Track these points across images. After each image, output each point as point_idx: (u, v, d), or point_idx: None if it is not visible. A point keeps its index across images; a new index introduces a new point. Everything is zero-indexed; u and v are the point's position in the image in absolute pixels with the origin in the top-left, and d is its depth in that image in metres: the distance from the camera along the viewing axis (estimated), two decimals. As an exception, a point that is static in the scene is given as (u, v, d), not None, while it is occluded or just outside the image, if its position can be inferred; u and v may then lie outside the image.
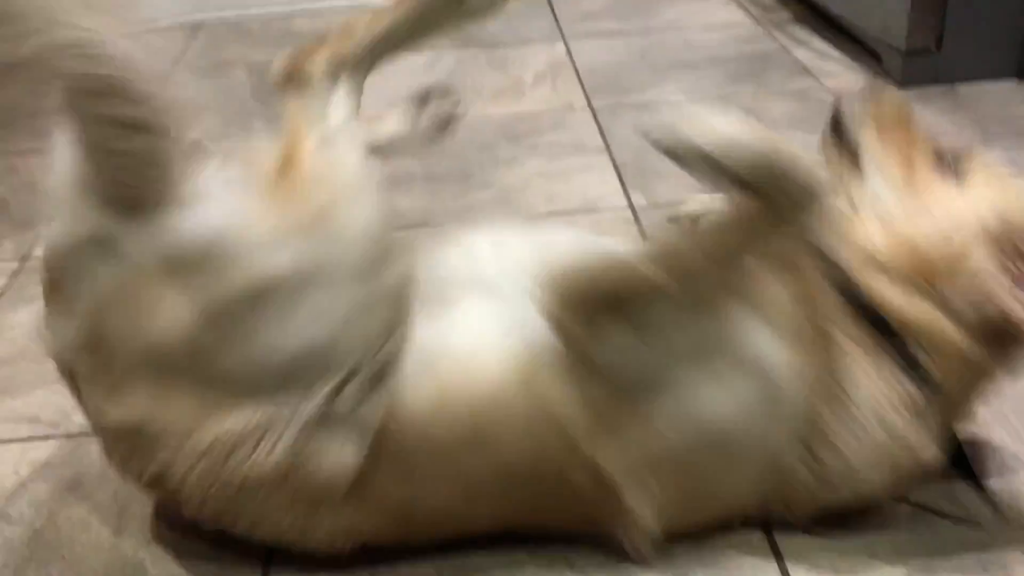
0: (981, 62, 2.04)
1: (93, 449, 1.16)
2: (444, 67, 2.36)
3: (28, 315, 1.43)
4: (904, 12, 2.00)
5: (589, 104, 2.07)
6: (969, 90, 2.01)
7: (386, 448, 0.88)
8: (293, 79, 0.96)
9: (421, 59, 2.42)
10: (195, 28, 2.79)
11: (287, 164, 0.89)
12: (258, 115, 2.14)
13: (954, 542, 0.98)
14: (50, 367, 0.93)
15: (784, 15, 2.54)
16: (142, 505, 1.07)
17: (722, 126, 0.80)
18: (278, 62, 0.97)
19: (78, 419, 1.21)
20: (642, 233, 1.56)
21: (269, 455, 0.85)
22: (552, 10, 2.72)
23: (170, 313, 0.83)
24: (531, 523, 0.97)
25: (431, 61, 2.40)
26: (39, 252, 1.50)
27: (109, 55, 0.78)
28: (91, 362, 0.87)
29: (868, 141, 1.01)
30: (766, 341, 0.90)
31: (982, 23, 2.00)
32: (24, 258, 1.61)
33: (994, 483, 1.04)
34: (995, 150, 1.75)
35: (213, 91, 2.32)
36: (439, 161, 1.86)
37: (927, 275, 0.91)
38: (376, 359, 0.87)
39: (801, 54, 2.28)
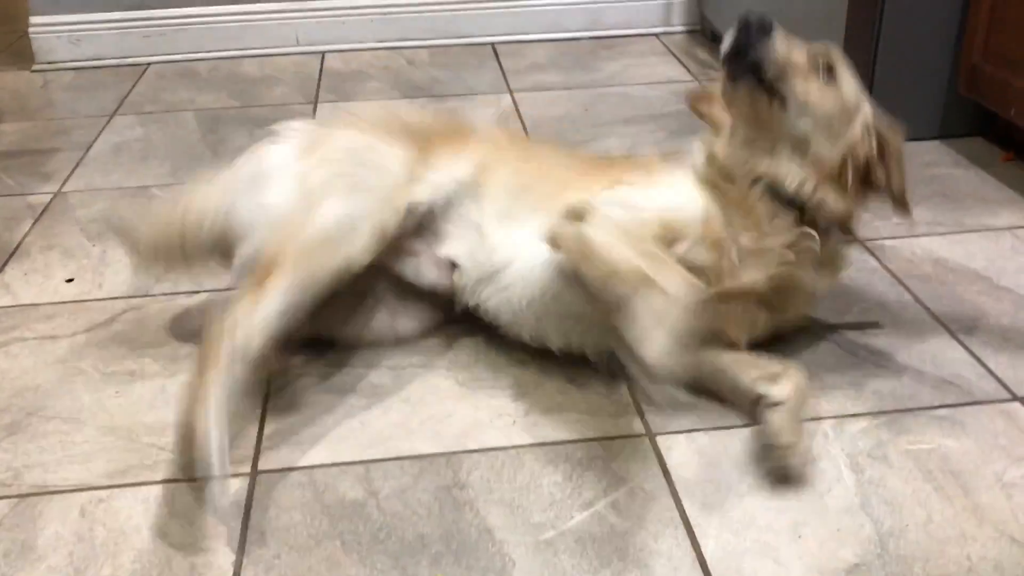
0: (907, 123, 2.14)
1: (47, 509, 1.16)
2: (393, 116, 2.40)
3: (-25, 368, 1.42)
4: (835, 76, 2.10)
5: (536, 158, 2.12)
6: (896, 150, 2.12)
7: None
8: None
9: (371, 110, 2.46)
10: (142, 69, 2.79)
11: None
12: (207, 161, 2.16)
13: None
14: None
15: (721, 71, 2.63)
16: (97, 568, 1.07)
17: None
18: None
19: (30, 478, 1.21)
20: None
21: None
22: (499, 61, 2.78)
23: None
24: None
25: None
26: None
27: None
28: None
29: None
30: None
31: (908, 86, 2.11)
32: (-31, 308, 1.60)
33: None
34: (919, 209, 1.85)
35: (161, 135, 2.32)
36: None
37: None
38: None
39: (738, 111, 2.37)
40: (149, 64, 2.84)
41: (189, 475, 1.16)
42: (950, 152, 2.09)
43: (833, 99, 1.28)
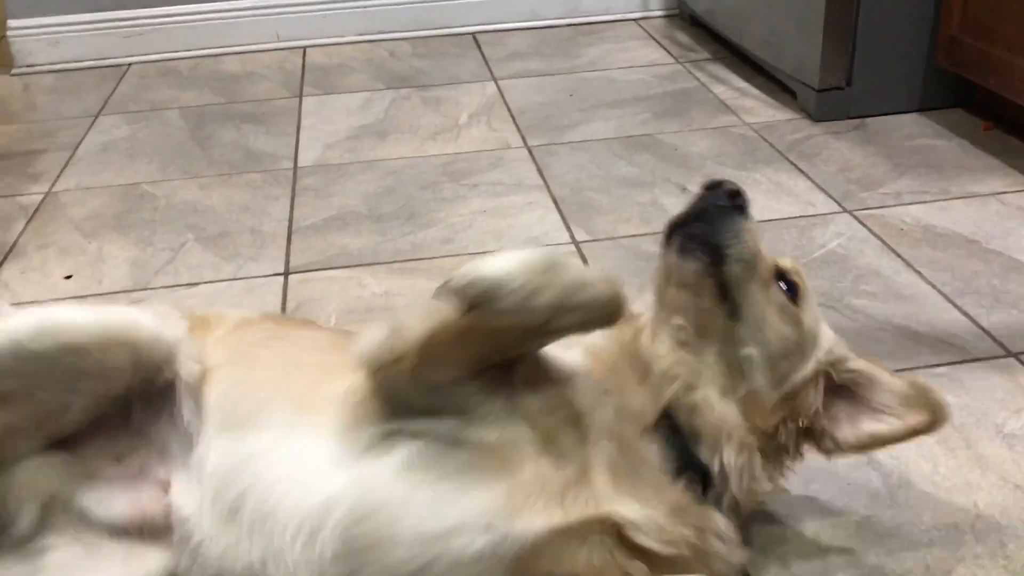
0: (888, 97, 2.19)
1: None
2: (379, 106, 2.41)
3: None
4: (816, 52, 2.13)
5: (525, 143, 2.14)
6: (878, 123, 2.15)
7: None
8: None
9: (356, 100, 2.47)
10: (123, 70, 2.78)
11: None
12: (196, 157, 2.16)
13: None
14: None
15: (702, 54, 2.66)
16: None
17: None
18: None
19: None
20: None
21: None
22: (480, 50, 2.80)
23: None
24: None
25: (366, 101, 2.45)
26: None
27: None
28: None
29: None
30: None
31: (888, 62, 2.14)
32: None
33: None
34: (905, 179, 1.89)
35: (148, 133, 2.31)
36: (384, 200, 1.90)
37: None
38: None
39: (720, 91, 2.40)
40: (130, 64, 2.82)
41: None
42: (932, 124, 2.12)
43: (794, 324, 0.97)
